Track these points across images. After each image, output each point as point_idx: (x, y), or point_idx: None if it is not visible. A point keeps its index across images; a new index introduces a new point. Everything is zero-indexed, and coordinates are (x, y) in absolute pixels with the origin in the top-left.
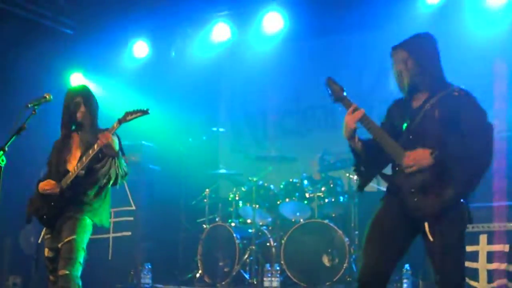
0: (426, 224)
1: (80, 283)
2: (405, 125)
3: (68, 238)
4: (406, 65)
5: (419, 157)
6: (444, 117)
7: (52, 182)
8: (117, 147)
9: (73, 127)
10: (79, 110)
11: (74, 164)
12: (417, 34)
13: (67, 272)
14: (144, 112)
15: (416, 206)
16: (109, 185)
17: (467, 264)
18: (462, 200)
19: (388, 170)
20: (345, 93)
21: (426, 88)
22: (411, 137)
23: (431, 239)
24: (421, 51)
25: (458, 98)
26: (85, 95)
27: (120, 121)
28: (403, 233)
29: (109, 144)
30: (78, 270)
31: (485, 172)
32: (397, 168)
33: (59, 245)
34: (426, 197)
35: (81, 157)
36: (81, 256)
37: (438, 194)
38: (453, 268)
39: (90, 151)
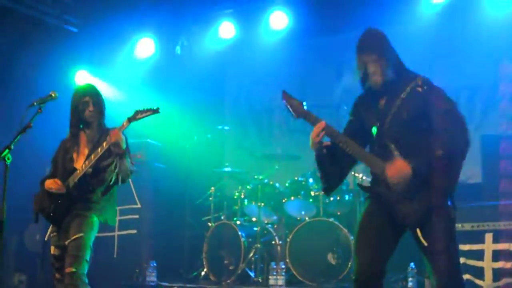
0: (418, 230)
1: (87, 281)
2: (374, 129)
3: (75, 236)
4: (378, 66)
5: (401, 171)
6: (413, 117)
7: (59, 181)
8: (124, 146)
9: (81, 126)
10: (88, 109)
11: (81, 162)
12: (370, 34)
13: (74, 269)
14: (154, 111)
15: (404, 214)
16: (113, 183)
17: (473, 262)
18: (449, 203)
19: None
20: (305, 107)
21: (392, 86)
22: (384, 143)
23: (425, 244)
24: (386, 50)
25: (423, 94)
26: (93, 94)
27: (130, 120)
28: (390, 235)
29: (118, 142)
30: (85, 268)
31: (462, 165)
32: (376, 178)
33: (66, 243)
34: (412, 204)
35: (89, 155)
36: (87, 254)
37: (423, 199)
38: (451, 268)
39: (99, 150)
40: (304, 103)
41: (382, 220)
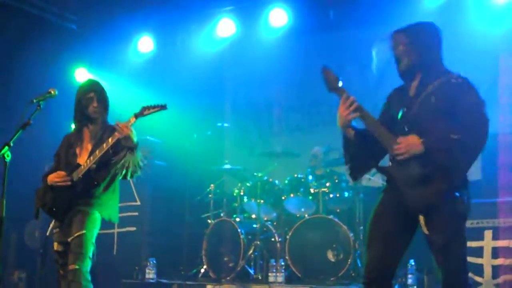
0: (421, 217)
1: (90, 278)
2: (400, 113)
3: (78, 233)
4: (406, 47)
5: (410, 144)
6: (441, 104)
7: (62, 173)
8: (135, 139)
9: (85, 122)
10: (92, 105)
11: (84, 158)
12: (419, 22)
13: (77, 267)
14: (162, 107)
15: (411, 198)
16: (122, 177)
17: (472, 259)
18: (457, 194)
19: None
20: (340, 83)
21: (423, 73)
22: (406, 126)
23: (426, 232)
24: (419, 36)
25: (456, 85)
26: (98, 90)
27: (136, 116)
28: (403, 227)
29: (129, 135)
30: (88, 265)
31: (474, 160)
32: (392, 160)
33: (69, 240)
34: (420, 189)
35: (93, 151)
36: (90, 251)
37: (432, 186)
38: (454, 264)
39: (104, 145)
40: (340, 79)
41: (393, 217)
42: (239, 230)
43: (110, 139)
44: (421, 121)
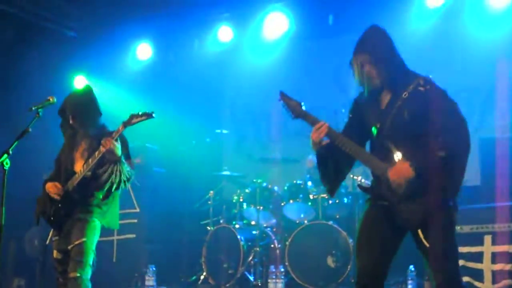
0: (419, 232)
1: (90, 286)
2: (374, 129)
3: (79, 241)
4: (372, 67)
5: (401, 172)
6: (414, 117)
7: (59, 186)
8: (119, 153)
9: (74, 130)
10: (70, 121)
11: (80, 166)
12: (369, 34)
13: (78, 274)
14: (149, 116)
15: (406, 215)
16: (113, 190)
17: (472, 265)
18: (451, 204)
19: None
20: (303, 108)
21: (392, 86)
22: (384, 144)
23: (427, 245)
24: (381, 51)
25: (425, 93)
26: (70, 107)
27: (125, 124)
28: (392, 233)
29: (111, 149)
30: (88, 273)
31: (465, 166)
32: (377, 179)
33: (69, 247)
34: (414, 205)
35: (87, 159)
36: (91, 259)
37: (425, 201)
38: (452, 270)
39: (96, 153)
40: (303, 104)
41: (382, 222)
42: (238, 237)
43: (102, 148)
44: (399, 138)
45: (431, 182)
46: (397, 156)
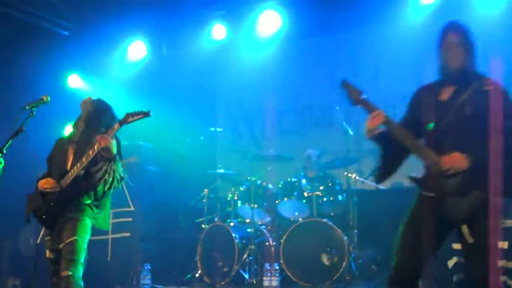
0: (464, 226)
1: (82, 284)
2: (431, 124)
3: (70, 239)
4: (459, 49)
5: (455, 161)
6: (475, 114)
7: (52, 180)
8: (114, 151)
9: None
10: (80, 121)
11: (74, 163)
12: (458, 22)
13: (70, 273)
14: (145, 114)
15: (453, 209)
16: (106, 189)
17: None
18: (498, 201)
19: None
20: (364, 96)
21: (461, 78)
22: (440, 138)
23: (471, 240)
24: (470, 40)
25: (489, 92)
26: (87, 112)
27: (120, 123)
28: (437, 229)
29: (107, 147)
30: (80, 271)
31: None
32: (429, 171)
33: (60, 246)
34: (463, 199)
35: (81, 157)
36: (82, 257)
37: (476, 195)
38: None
39: (90, 152)
40: (363, 92)
41: (428, 217)
42: (233, 235)
43: (96, 146)
44: (456, 133)
45: (484, 178)
46: (452, 149)
